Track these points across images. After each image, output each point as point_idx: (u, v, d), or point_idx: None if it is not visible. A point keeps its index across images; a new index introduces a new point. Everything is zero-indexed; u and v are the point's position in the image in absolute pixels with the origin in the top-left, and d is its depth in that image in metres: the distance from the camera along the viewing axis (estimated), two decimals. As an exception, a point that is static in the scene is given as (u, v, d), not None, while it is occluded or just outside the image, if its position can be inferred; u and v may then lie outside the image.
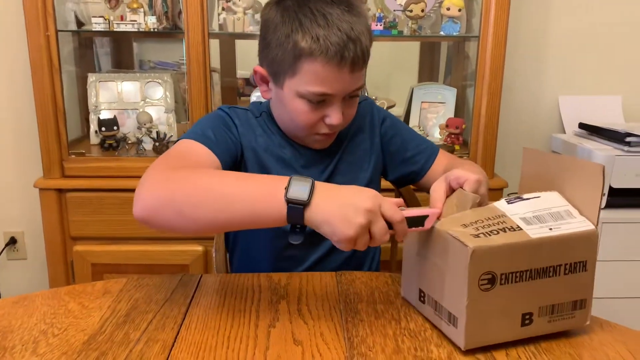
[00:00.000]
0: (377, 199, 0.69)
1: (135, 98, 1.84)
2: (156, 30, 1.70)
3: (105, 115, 1.78)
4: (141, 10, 1.67)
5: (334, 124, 0.90)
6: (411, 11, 1.69)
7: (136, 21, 1.67)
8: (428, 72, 2.09)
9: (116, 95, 1.83)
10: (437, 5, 1.79)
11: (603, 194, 1.67)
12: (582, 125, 1.90)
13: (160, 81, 1.85)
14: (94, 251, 1.70)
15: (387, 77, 2.10)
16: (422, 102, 1.89)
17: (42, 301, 0.81)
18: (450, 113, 1.85)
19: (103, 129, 1.72)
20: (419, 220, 0.72)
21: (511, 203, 0.73)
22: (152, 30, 1.69)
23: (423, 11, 1.69)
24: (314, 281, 0.88)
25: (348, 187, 0.72)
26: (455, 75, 1.98)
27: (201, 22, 1.59)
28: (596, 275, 0.71)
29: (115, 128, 1.73)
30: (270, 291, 0.84)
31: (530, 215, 0.70)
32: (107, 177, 1.67)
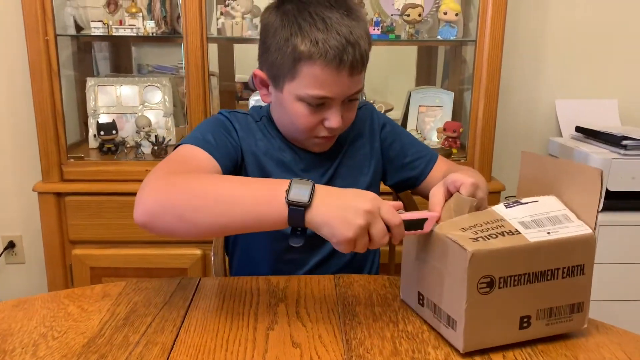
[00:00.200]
0: (377, 202, 0.70)
1: (133, 102, 1.84)
2: (155, 34, 1.71)
3: (104, 119, 1.79)
4: (140, 14, 1.68)
5: (334, 127, 0.91)
6: (408, 15, 1.70)
7: (135, 26, 1.67)
8: (425, 76, 2.10)
9: (115, 99, 1.83)
10: (434, 9, 1.80)
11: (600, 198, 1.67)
12: (579, 128, 1.91)
13: (158, 85, 1.85)
14: (93, 255, 1.70)
15: (385, 81, 2.11)
16: (420, 106, 1.90)
17: (42, 304, 0.81)
18: (447, 117, 1.86)
19: (102, 133, 1.72)
20: (418, 223, 0.73)
21: (509, 207, 0.74)
22: (151, 34, 1.70)
23: (420, 15, 1.70)
24: (312, 284, 0.88)
25: (348, 190, 0.72)
26: (452, 79, 1.99)
27: (200, 27, 1.60)
28: (593, 277, 0.71)
29: (114, 132, 1.73)
30: (268, 294, 0.85)
31: (528, 219, 0.71)
32: (106, 181, 1.67)
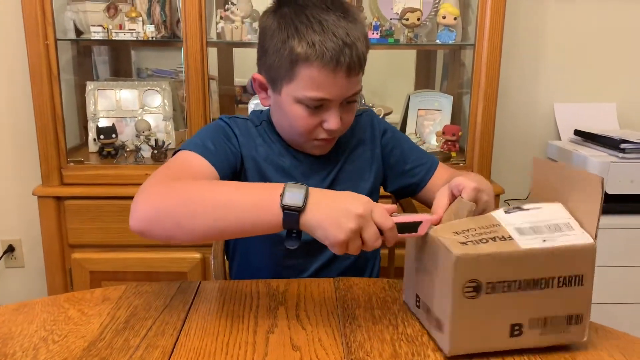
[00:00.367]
0: (369, 205, 0.70)
1: (133, 106, 1.85)
2: (154, 38, 1.71)
3: (103, 123, 1.79)
4: (140, 19, 1.68)
5: (332, 129, 0.91)
6: (407, 20, 1.70)
7: (135, 30, 1.68)
8: (424, 80, 2.10)
9: (114, 103, 1.84)
10: (433, 13, 1.80)
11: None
12: (578, 132, 1.91)
13: (158, 89, 1.85)
14: (93, 259, 1.70)
15: (384, 85, 2.12)
16: (419, 110, 1.91)
17: (42, 308, 0.81)
18: (446, 120, 1.87)
19: (101, 137, 1.72)
20: (412, 226, 0.73)
21: (509, 213, 0.72)
22: (151, 39, 1.70)
23: (419, 20, 1.71)
24: (312, 287, 0.89)
25: (341, 193, 0.73)
26: (451, 82, 2.00)
27: (199, 31, 1.61)
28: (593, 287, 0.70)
29: (113, 136, 1.73)
30: (268, 297, 0.85)
31: (526, 225, 0.69)
32: (106, 185, 1.67)
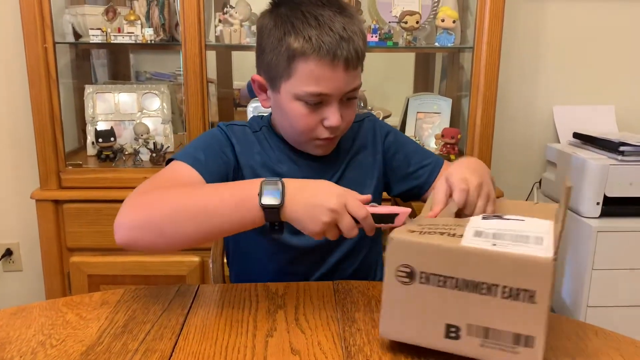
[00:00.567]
0: (342, 198, 0.74)
1: (132, 109, 1.85)
2: (153, 42, 1.71)
3: (102, 126, 1.79)
4: (138, 22, 1.68)
5: (333, 126, 0.90)
6: (406, 23, 1.71)
7: (133, 33, 1.68)
8: (423, 83, 2.11)
9: (113, 106, 1.83)
10: (432, 16, 1.81)
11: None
12: (577, 134, 1.91)
13: (157, 92, 1.85)
14: (91, 262, 1.69)
15: (383, 88, 2.12)
16: (418, 113, 1.91)
17: (40, 312, 0.81)
18: (445, 123, 1.87)
19: (100, 140, 1.72)
20: (389, 217, 0.75)
21: (486, 219, 0.71)
22: (149, 42, 1.70)
23: (418, 23, 1.71)
24: (311, 291, 0.88)
25: (315, 185, 0.76)
26: (450, 85, 2.00)
27: (198, 34, 1.61)
28: (592, 283, 0.68)
29: (112, 139, 1.73)
30: (267, 301, 0.85)
31: (491, 231, 0.66)
32: (104, 188, 1.67)
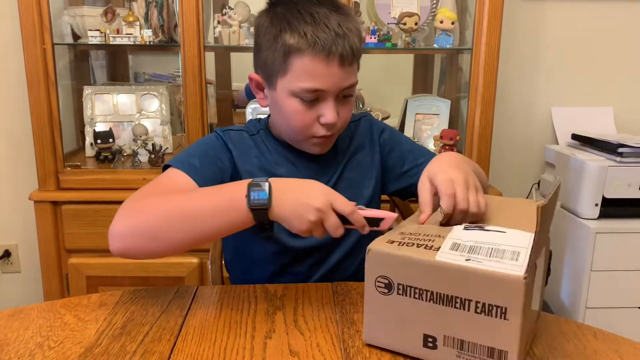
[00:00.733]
0: (329, 197, 0.75)
1: (130, 110, 1.84)
2: (152, 43, 1.71)
3: (100, 127, 1.79)
4: (137, 23, 1.68)
5: (329, 122, 0.90)
6: (405, 24, 1.71)
7: (132, 34, 1.67)
8: (422, 84, 2.11)
9: (112, 107, 1.83)
10: (431, 18, 1.81)
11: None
12: (575, 136, 1.92)
13: (155, 93, 1.85)
14: (89, 264, 1.69)
15: (382, 89, 2.12)
16: (417, 114, 1.91)
17: (38, 314, 0.81)
18: (444, 124, 1.87)
19: (98, 142, 1.72)
20: (374, 221, 0.77)
21: (468, 229, 0.71)
22: (148, 43, 1.70)
23: (416, 24, 1.71)
24: (310, 292, 0.88)
25: (302, 184, 0.78)
26: (449, 87, 2.00)
27: (197, 35, 1.61)
28: (589, 284, 0.68)
29: (110, 140, 1.73)
30: (266, 302, 0.85)
31: (469, 243, 0.66)
32: (103, 190, 1.67)
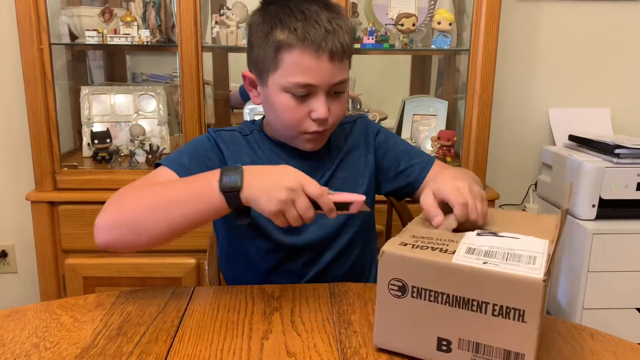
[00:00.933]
0: (299, 179, 0.77)
1: (128, 110, 1.84)
2: (149, 43, 1.71)
3: (98, 127, 1.78)
4: (135, 23, 1.68)
5: (320, 118, 0.91)
6: (402, 25, 1.71)
7: (130, 34, 1.67)
8: (419, 85, 2.11)
9: (109, 107, 1.83)
10: (428, 19, 1.81)
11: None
12: (572, 137, 1.92)
13: (153, 94, 1.85)
14: (86, 264, 1.68)
15: (379, 90, 2.12)
16: (414, 115, 1.91)
17: (34, 314, 0.81)
18: (441, 125, 1.87)
19: (96, 142, 1.72)
20: (344, 205, 0.79)
21: (480, 235, 0.71)
22: (146, 43, 1.70)
23: (414, 25, 1.71)
24: (307, 293, 0.88)
25: (275, 168, 0.80)
26: (446, 88, 2.00)
27: (194, 36, 1.60)
28: (587, 285, 0.68)
29: (108, 141, 1.73)
30: (263, 303, 0.84)
31: (484, 248, 0.66)
32: (100, 190, 1.66)
